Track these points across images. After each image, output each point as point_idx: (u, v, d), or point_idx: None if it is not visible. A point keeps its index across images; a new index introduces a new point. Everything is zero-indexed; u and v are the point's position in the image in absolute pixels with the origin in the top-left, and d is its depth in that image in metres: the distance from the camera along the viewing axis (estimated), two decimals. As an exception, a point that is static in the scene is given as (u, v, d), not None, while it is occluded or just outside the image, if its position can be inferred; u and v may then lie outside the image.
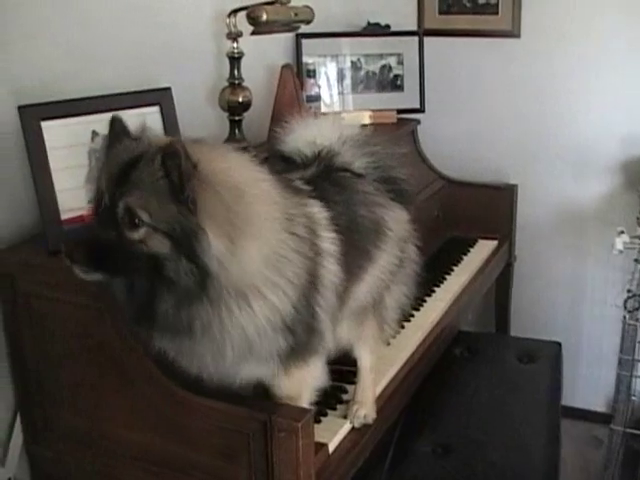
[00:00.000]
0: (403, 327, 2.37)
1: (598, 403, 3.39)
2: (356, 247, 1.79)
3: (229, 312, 1.48)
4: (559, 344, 2.90)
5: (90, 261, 1.44)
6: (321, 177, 1.84)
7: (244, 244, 1.44)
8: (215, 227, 1.40)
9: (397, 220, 1.96)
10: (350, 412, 1.97)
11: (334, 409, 2.00)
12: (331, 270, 1.67)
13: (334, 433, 1.89)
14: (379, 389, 2.10)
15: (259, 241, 1.47)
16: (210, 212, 1.40)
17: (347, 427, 1.94)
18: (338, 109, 3.17)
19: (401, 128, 3.12)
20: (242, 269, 1.45)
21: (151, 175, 1.40)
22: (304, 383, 1.73)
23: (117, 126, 1.51)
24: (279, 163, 1.94)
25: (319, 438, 1.78)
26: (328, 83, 3.19)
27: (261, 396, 1.73)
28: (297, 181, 1.78)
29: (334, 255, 1.68)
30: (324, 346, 1.73)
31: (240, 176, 1.48)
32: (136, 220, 1.40)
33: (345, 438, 1.91)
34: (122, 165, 1.43)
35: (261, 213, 1.48)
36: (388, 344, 2.23)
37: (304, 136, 1.95)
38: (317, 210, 1.70)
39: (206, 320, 1.48)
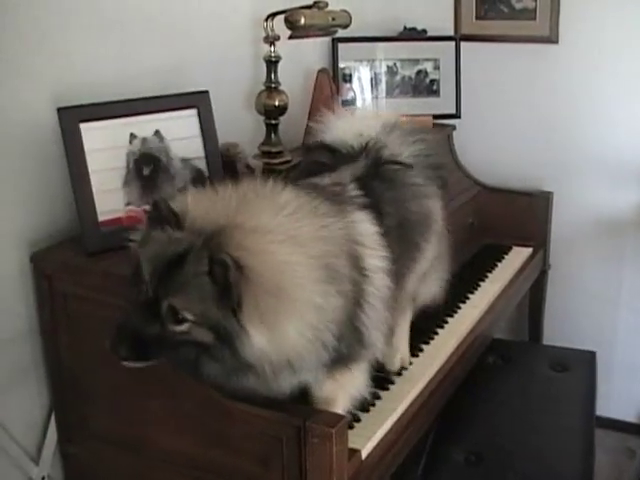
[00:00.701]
0: (437, 333, 2.36)
1: (632, 414, 3.35)
2: (408, 244, 1.88)
3: (274, 376, 1.54)
4: (593, 353, 2.87)
5: (136, 354, 1.47)
6: (371, 174, 1.88)
7: (282, 329, 1.47)
8: (256, 324, 1.44)
9: (439, 209, 2.05)
10: (388, 358, 2.05)
11: (367, 411, 1.99)
12: (377, 285, 1.70)
13: (367, 439, 1.88)
14: (414, 394, 2.09)
15: (296, 322, 1.49)
16: (252, 312, 1.43)
17: (380, 433, 1.93)
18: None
19: (437, 134, 3.10)
20: (282, 350, 1.49)
21: (197, 278, 1.42)
22: (344, 388, 1.75)
23: (163, 208, 1.48)
24: (325, 154, 1.99)
25: (352, 444, 1.77)
26: (364, 88, 3.19)
27: (297, 399, 1.73)
28: (350, 185, 1.81)
29: (382, 269, 1.71)
30: (370, 356, 1.77)
31: (280, 269, 1.47)
32: (179, 317, 1.44)
33: (378, 445, 1.90)
34: (166, 260, 1.44)
35: (297, 298, 1.49)
36: (421, 350, 2.26)
37: (350, 127, 2.01)
38: (366, 226, 1.73)
39: (252, 382, 1.55)
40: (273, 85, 2.54)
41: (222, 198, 1.54)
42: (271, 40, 2.50)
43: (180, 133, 2.10)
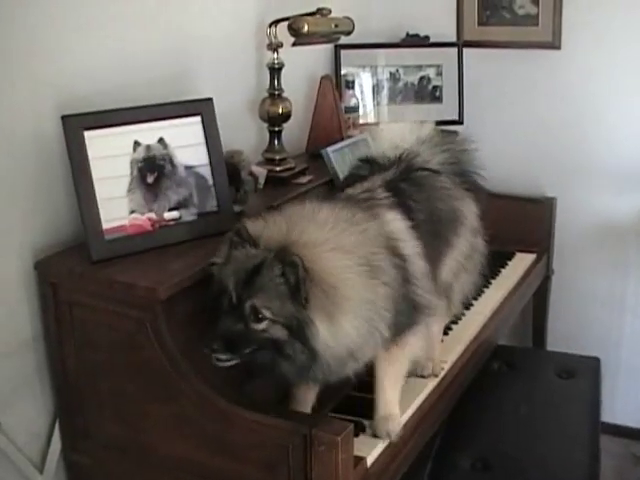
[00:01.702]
0: (442, 340, 2.35)
1: (637, 420, 3.33)
2: (438, 237, 2.09)
3: (337, 367, 1.78)
4: (598, 359, 2.87)
5: (225, 350, 1.71)
6: (400, 179, 2.10)
7: (339, 324, 1.71)
8: (320, 316, 1.69)
9: (470, 211, 2.24)
10: (419, 365, 2.18)
11: (372, 419, 1.99)
12: (418, 265, 1.95)
13: (373, 447, 1.88)
14: (419, 402, 2.09)
15: (352, 318, 1.73)
16: (317, 305, 1.69)
17: (385, 441, 1.92)
18: (376, 120, 3.16)
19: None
20: (341, 343, 1.73)
21: (272, 280, 1.70)
22: (406, 349, 1.95)
23: (242, 233, 1.77)
24: (365, 167, 2.22)
25: (358, 452, 1.77)
26: (367, 94, 3.19)
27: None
28: (378, 190, 2.04)
29: (419, 254, 1.96)
30: (429, 314, 1.98)
31: (337, 271, 1.74)
32: (260, 316, 1.70)
33: (383, 452, 1.90)
34: (246, 271, 1.72)
35: (350, 295, 1.73)
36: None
37: (389, 140, 2.24)
38: (397, 224, 1.97)
39: (319, 375, 1.78)
40: (276, 92, 2.55)
41: (274, 223, 1.81)
42: (274, 47, 2.51)
43: (184, 140, 2.10)
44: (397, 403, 1.97)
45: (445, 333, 2.40)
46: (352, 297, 1.73)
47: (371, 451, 1.86)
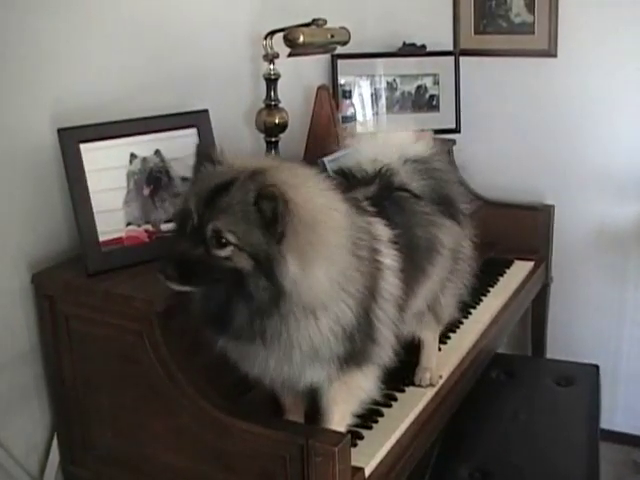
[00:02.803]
0: (439, 349, 2.35)
1: (637, 427, 3.33)
2: (413, 264, 1.94)
3: (297, 324, 1.62)
4: (597, 367, 2.86)
5: (182, 276, 1.56)
6: (382, 196, 1.96)
7: (315, 268, 1.57)
8: (294, 254, 1.54)
9: (450, 234, 2.11)
10: (417, 376, 2.20)
11: (370, 429, 1.99)
12: (391, 283, 1.81)
13: (370, 457, 1.87)
14: (417, 411, 2.09)
15: (327, 265, 1.60)
16: (292, 243, 1.54)
17: (384, 451, 1.92)
18: (373, 130, 3.16)
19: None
20: (312, 289, 1.58)
21: (241, 204, 1.54)
22: (354, 389, 1.81)
23: (201, 151, 1.67)
24: (339, 178, 2.04)
25: (355, 462, 1.76)
26: (364, 104, 3.19)
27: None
28: (363, 202, 1.89)
29: (394, 270, 1.82)
30: (381, 357, 1.83)
31: (319, 209, 1.61)
32: (223, 240, 1.54)
33: (381, 462, 1.89)
34: (211, 189, 1.56)
35: (331, 242, 1.61)
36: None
37: (366, 153, 2.08)
38: (381, 229, 1.84)
39: (276, 331, 1.61)
40: (273, 103, 2.55)
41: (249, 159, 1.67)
42: (270, 58, 2.52)
43: (180, 152, 2.10)
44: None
45: (443, 342, 2.40)
46: (333, 243, 1.61)
47: (369, 461, 1.86)
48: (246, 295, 1.57)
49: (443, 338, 2.41)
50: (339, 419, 1.82)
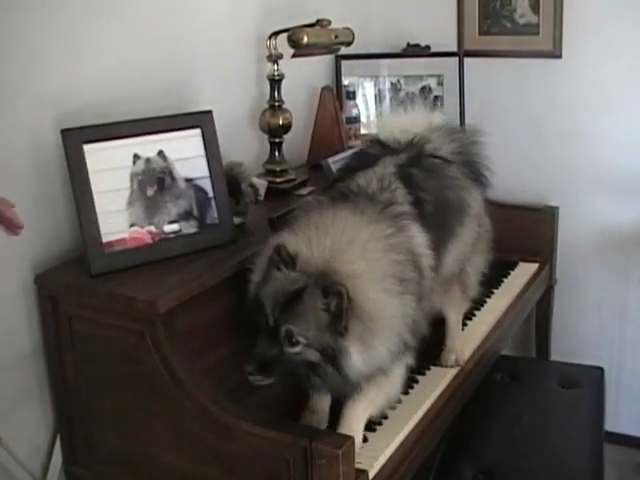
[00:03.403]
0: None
1: (641, 429, 3.33)
2: (444, 226, 2.12)
3: (368, 382, 1.82)
4: (601, 369, 2.85)
5: (260, 372, 1.73)
6: (410, 164, 2.11)
7: (375, 349, 1.75)
8: (356, 344, 1.72)
9: (475, 199, 2.28)
10: (443, 357, 2.31)
11: (374, 431, 1.98)
12: (429, 278, 1.97)
13: (374, 459, 1.87)
14: (421, 413, 2.08)
15: (387, 341, 1.76)
16: (354, 334, 1.71)
17: (388, 453, 1.91)
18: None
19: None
20: (373, 363, 1.77)
21: (311, 308, 1.71)
22: (383, 384, 1.89)
23: (282, 253, 1.76)
24: (377, 147, 2.23)
25: (359, 465, 1.76)
26: (367, 104, 3.19)
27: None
28: (392, 178, 2.03)
29: (431, 265, 1.98)
30: (411, 353, 1.92)
31: (375, 299, 1.76)
32: (294, 340, 1.71)
33: (385, 465, 1.89)
34: (285, 295, 1.73)
35: (386, 322, 1.77)
36: (428, 368, 2.28)
37: (399, 124, 2.26)
38: (419, 240, 1.96)
39: (348, 391, 1.83)
40: (277, 103, 2.55)
41: (310, 240, 1.80)
42: (274, 59, 2.52)
43: (184, 153, 2.10)
44: (360, 433, 1.91)
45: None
46: (388, 324, 1.77)
47: (373, 464, 1.85)
48: (319, 376, 1.74)
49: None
50: (362, 412, 1.90)
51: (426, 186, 2.08)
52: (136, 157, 2.03)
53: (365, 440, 1.94)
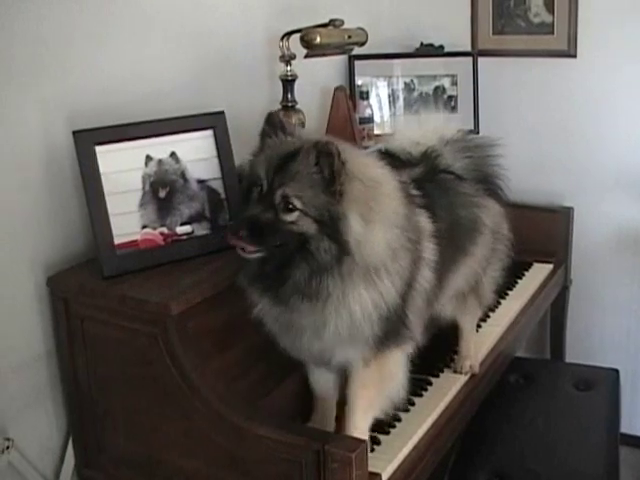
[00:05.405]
0: (457, 353, 2.33)
1: (657, 431, 3.30)
2: (454, 245, 2.07)
3: (353, 287, 1.72)
4: (617, 371, 2.84)
5: (252, 238, 1.67)
6: (427, 179, 2.09)
7: (375, 228, 1.70)
8: (355, 212, 1.67)
9: (491, 214, 2.25)
10: (457, 364, 2.28)
11: (387, 434, 1.97)
12: (425, 276, 1.91)
13: (388, 463, 1.86)
14: (435, 416, 2.07)
15: (385, 228, 1.73)
16: (352, 200, 1.67)
17: (401, 456, 1.90)
18: (391, 131, 3.15)
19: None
20: (371, 249, 1.70)
21: (306, 170, 1.66)
22: (385, 374, 1.86)
23: (273, 120, 1.77)
24: (386, 159, 2.08)
25: (372, 468, 1.75)
26: (381, 105, 3.18)
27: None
28: (409, 185, 1.98)
29: (430, 264, 1.92)
30: (411, 342, 1.90)
31: (377, 173, 1.77)
32: (290, 206, 1.66)
33: (399, 468, 1.88)
34: (280, 158, 1.69)
35: (390, 205, 1.75)
36: (442, 371, 2.27)
37: (409, 136, 2.24)
38: (424, 221, 1.93)
39: (332, 290, 1.71)
40: (290, 104, 2.54)
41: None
42: (287, 59, 2.50)
43: (196, 154, 2.09)
44: (366, 431, 1.86)
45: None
46: (388, 206, 1.74)
47: (386, 467, 1.84)
48: (308, 256, 1.68)
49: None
50: (366, 406, 1.85)
51: (441, 203, 2.05)
52: (148, 158, 2.03)
53: (379, 443, 1.93)
